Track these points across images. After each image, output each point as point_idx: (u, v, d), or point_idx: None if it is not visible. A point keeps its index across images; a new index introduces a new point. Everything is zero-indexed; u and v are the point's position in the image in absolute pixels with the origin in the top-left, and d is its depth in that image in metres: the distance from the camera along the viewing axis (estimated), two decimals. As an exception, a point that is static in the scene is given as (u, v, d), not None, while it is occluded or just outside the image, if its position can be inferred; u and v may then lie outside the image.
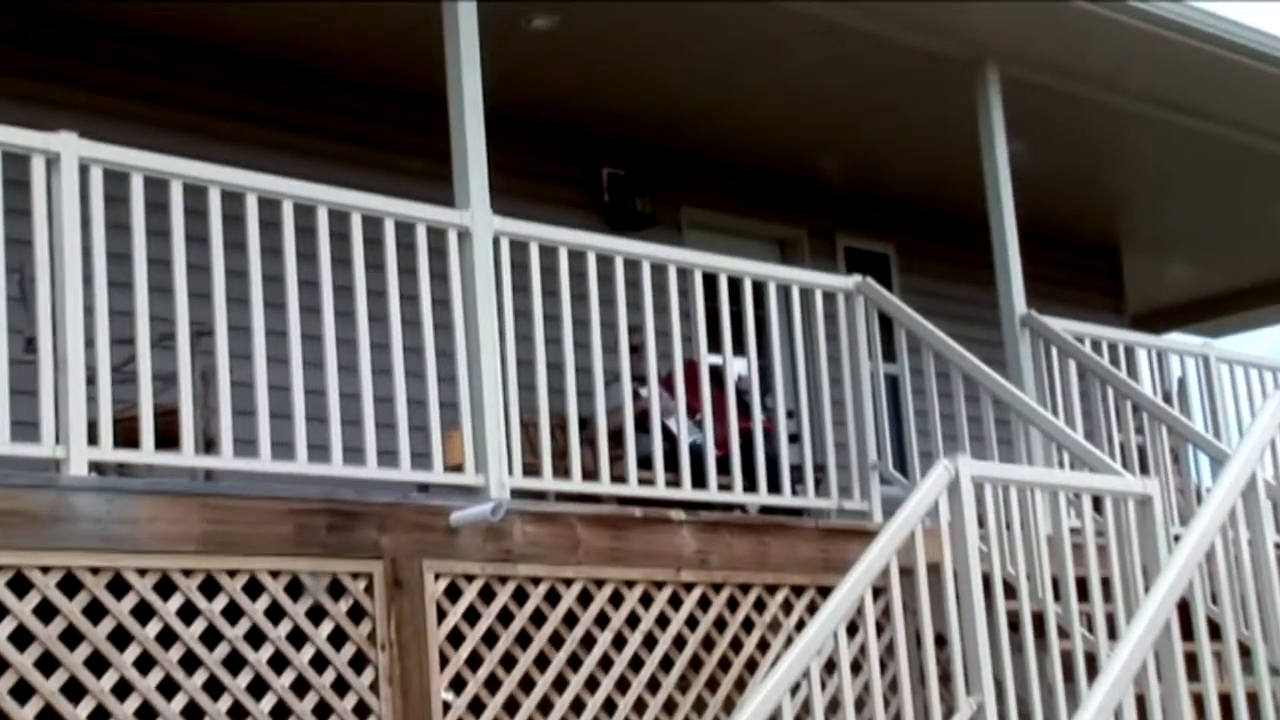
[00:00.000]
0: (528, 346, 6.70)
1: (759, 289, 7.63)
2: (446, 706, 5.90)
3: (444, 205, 6.63)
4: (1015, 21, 8.84)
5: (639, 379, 7.52)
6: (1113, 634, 6.21)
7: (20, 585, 5.09)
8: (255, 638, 5.56)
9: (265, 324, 5.95)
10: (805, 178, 11.16)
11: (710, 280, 7.42)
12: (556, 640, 6.33)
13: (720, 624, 6.85)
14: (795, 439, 7.79)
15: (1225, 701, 5.71)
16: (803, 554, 7.14)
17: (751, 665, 6.87)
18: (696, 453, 7.24)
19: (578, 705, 6.30)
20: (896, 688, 5.84)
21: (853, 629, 5.68)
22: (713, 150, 10.61)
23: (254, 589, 5.59)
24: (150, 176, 5.78)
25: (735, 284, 7.48)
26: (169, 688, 5.33)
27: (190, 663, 5.41)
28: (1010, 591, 6.29)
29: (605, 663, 6.44)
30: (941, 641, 5.75)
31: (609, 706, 6.39)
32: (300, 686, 5.62)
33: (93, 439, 5.47)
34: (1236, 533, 5.92)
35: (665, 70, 9.38)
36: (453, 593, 6.07)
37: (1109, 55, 9.29)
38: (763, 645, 6.95)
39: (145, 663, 5.30)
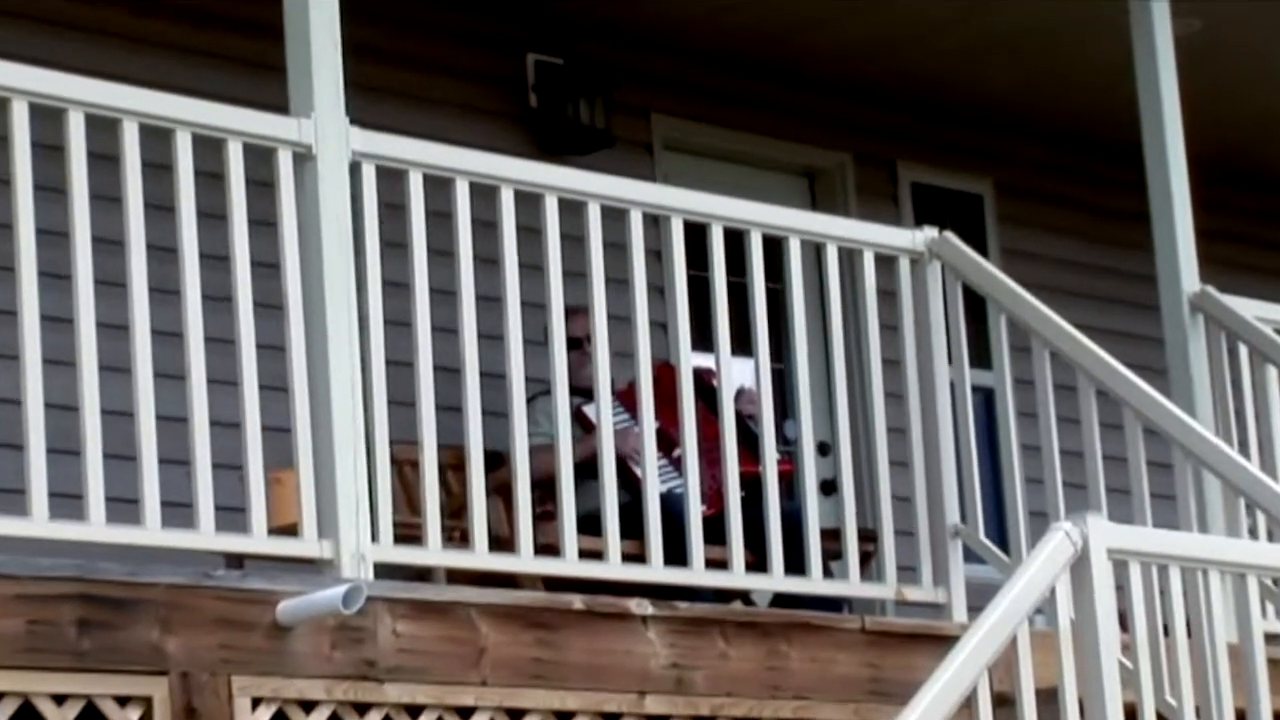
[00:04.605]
0: (405, 338, 6.68)
1: (774, 249, 7.62)
2: None
3: (274, 111, 6.60)
4: None
5: (582, 392, 7.52)
6: (1331, 801, 6.24)
7: None
8: (-37, 801, 5.54)
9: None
10: (848, 74, 11.16)
11: (698, 234, 7.41)
12: (447, 807, 6.33)
13: (709, 782, 6.86)
14: (830, 488, 7.77)
15: None
16: (841, 670, 7.19)
17: None
18: (673, 510, 7.23)
19: None
20: None
21: (919, 791, 5.67)
22: (700, 29, 10.60)
23: (-40, 722, 5.55)
24: None
25: (737, 241, 7.49)
26: None
27: None
28: (1170, 733, 6.32)
29: (524, 843, 6.46)
30: (1061, 812, 5.78)
31: None
32: None
33: None
34: None
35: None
36: (281, 729, 6.06)
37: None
38: (776, 816, 6.97)
39: None
